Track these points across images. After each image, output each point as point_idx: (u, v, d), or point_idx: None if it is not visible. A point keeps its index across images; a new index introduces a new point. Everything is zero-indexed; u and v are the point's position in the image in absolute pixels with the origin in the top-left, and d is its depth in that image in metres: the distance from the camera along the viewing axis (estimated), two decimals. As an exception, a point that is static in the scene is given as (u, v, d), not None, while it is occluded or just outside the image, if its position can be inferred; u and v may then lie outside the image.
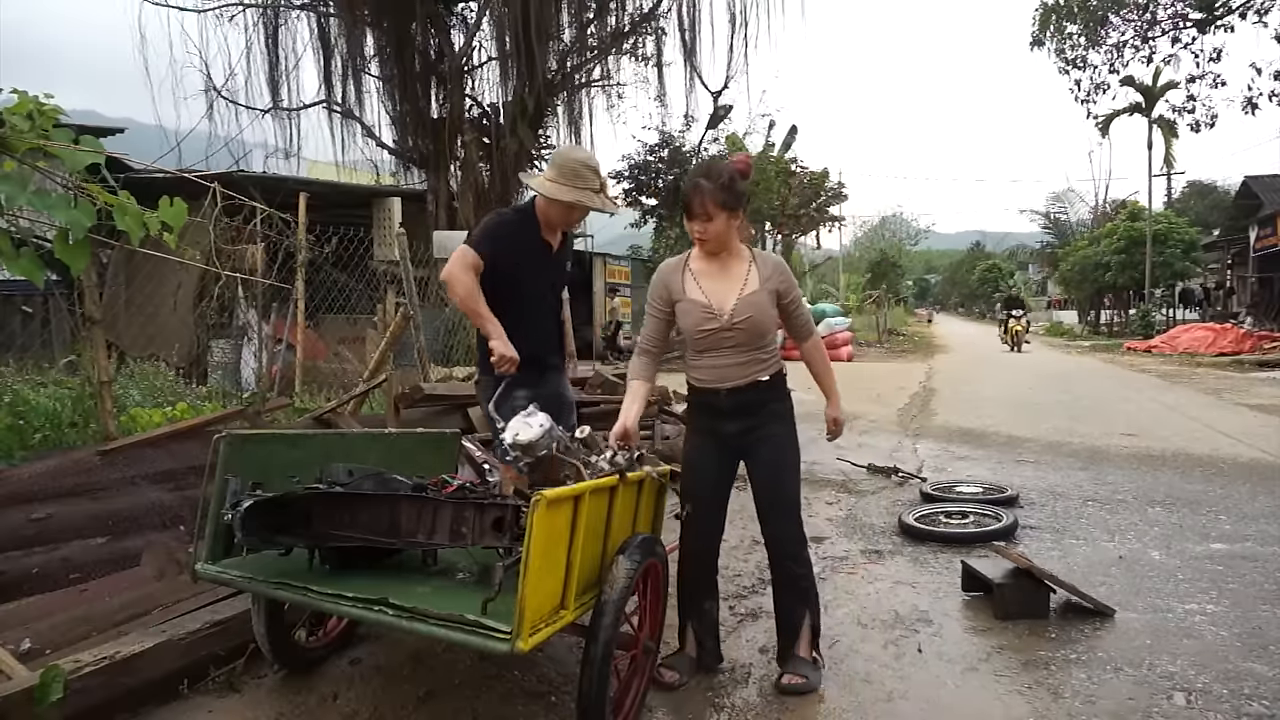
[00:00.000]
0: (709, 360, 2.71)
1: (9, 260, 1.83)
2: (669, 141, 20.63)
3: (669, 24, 13.72)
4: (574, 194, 3.05)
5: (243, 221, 5.85)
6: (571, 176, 3.05)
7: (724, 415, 2.72)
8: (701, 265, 2.73)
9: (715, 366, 2.70)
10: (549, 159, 3.22)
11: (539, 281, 3.20)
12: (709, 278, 2.71)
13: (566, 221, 3.25)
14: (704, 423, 2.80)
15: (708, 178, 2.62)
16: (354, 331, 8.24)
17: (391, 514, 2.35)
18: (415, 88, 13.14)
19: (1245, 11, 17.97)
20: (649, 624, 2.58)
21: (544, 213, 3.15)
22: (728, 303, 2.66)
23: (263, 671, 2.73)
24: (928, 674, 2.83)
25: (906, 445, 7.54)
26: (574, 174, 3.05)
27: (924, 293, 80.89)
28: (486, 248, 3.02)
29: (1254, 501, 5.13)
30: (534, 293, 3.18)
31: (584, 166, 3.08)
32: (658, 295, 2.78)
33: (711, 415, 2.75)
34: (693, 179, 2.68)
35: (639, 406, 2.71)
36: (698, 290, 2.69)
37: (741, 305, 2.65)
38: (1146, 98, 28.01)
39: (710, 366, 2.71)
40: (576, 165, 3.07)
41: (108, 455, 3.89)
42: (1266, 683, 2.69)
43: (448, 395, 5.07)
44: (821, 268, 41.39)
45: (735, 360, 2.68)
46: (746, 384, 2.69)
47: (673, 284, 2.74)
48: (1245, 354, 17.39)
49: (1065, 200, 45.71)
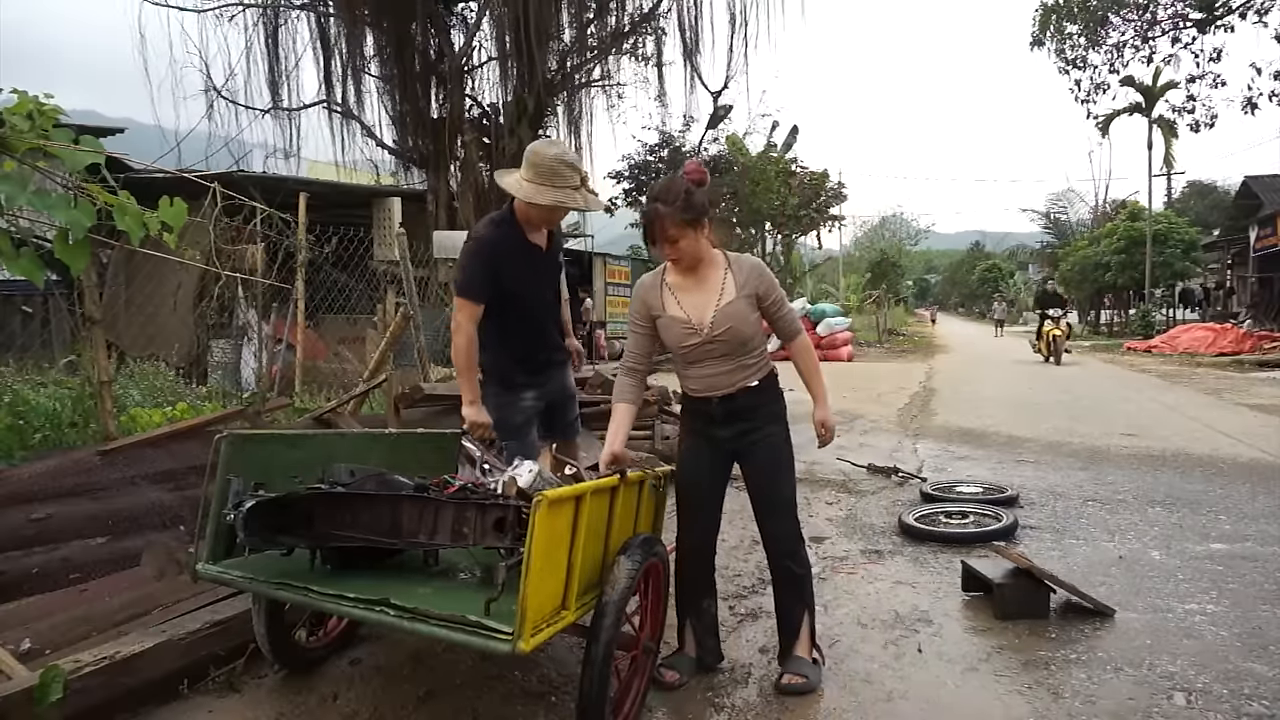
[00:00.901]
0: (697, 371, 2.71)
1: (9, 260, 1.83)
2: (669, 141, 20.66)
3: (669, 24, 13.71)
4: (553, 195, 2.89)
5: (243, 221, 5.84)
6: (549, 175, 2.87)
7: (717, 422, 2.73)
8: (677, 279, 2.71)
9: (703, 377, 2.70)
10: (524, 156, 2.97)
11: (534, 285, 3.12)
12: (686, 291, 2.69)
13: (549, 222, 3.12)
14: (698, 426, 2.80)
15: (664, 201, 2.57)
16: (354, 331, 8.24)
17: (393, 514, 2.35)
18: (415, 88, 13.13)
19: (1245, 11, 17.99)
20: (650, 624, 2.58)
21: (524, 215, 3.02)
22: (706, 316, 2.64)
23: (263, 671, 2.73)
24: (928, 674, 2.83)
25: (906, 445, 7.55)
26: (551, 172, 2.87)
27: (924, 293, 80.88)
28: (487, 292, 2.95)
29: (1254, 501, 5.13)
30: (530, 296, 3.11)
31: (561, 164, 2.89)
32: (638, 313, 2.76)
33: (705, 421, 2.76)
34: (649, 205, 2.63)
35: (625, 431, 2.66)
36: (676, 306, 2.68)
37: (720, 317, 2.63)
38: (1146, 98, 28.01)
39: (699, 377, 2.71)
40: (553, 163, 2.87)
41: (108, 455, 3.89)
42: (1266, 683, 2.69)
43: (448, 395, 5.07)
44: (821, 268, 41.39)
45: (722, 369, 2.68)
46: (736, 391, 2.68)
47: (651, 301, 2.72)
48: (1245, 354, 17.39)
49: (1065, 200, 45.77)
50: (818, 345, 19.27)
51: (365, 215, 11.51)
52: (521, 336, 3.10)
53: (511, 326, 3.07)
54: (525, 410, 3.13)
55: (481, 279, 2.95)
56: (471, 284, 2.95)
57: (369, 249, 9.70)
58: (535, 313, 3.16)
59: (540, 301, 3.19)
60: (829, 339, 19.38)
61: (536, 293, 3.15)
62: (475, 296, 2.94)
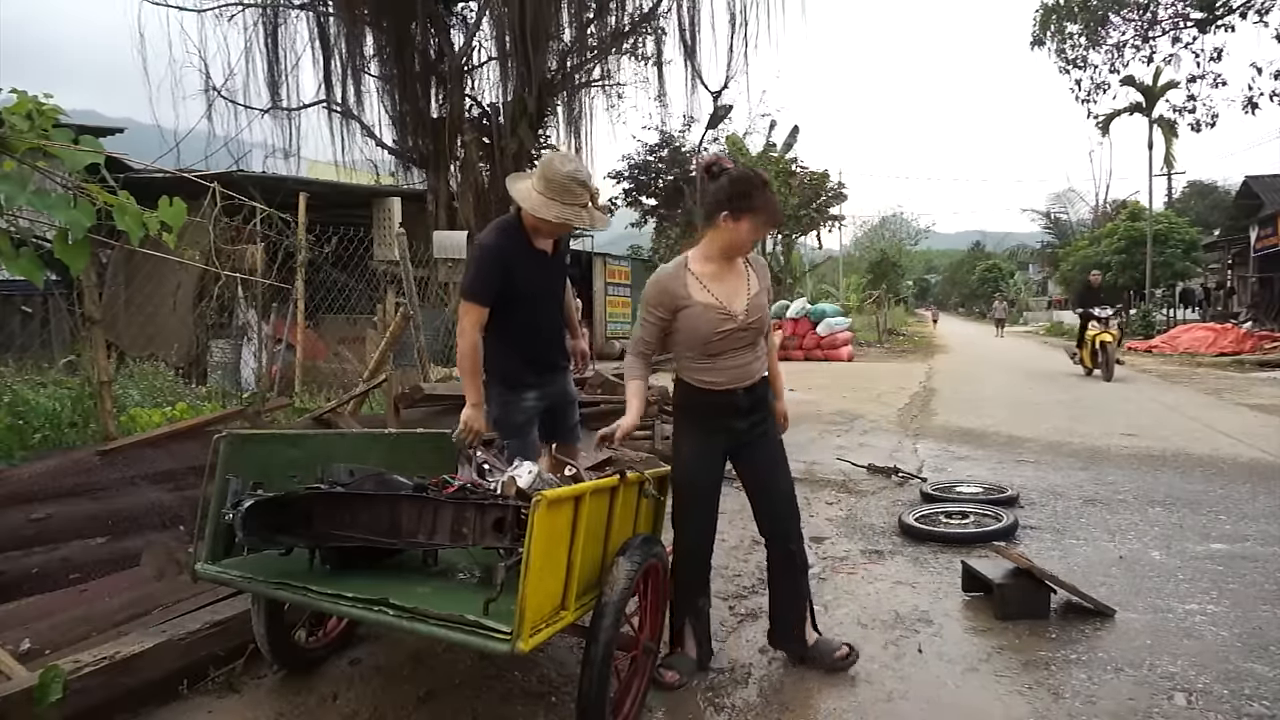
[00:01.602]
0: (724, 362, 2.71)
1: (9, 260, 1.83)
2: (669, 141, 20.65)
3: (669, 24, 13.70)
4: (559, 211, 2.93)
5: (242, 221, 5.84)
6: (560, 192, 2.92)
7: (740, 413, 2.75)
8: (707, 269, 2.73)
9: (731, 367, 2.71)
10: (537, 165, 3.04)
11: (540, 289, 3.15)
12: (717, 280, 2.71)
13: (556, 234, 3.14)
14: (713, 423, 2.78)
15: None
16: (354, 331, 8.23)
17: (392, 514, 2.35)
18: (415, 88, 13.13)
19: (1245, 11, 17.96)
20: (649, 625, 2.58)
21: (531, 222, 3.04)
22: (739, 303, 2.70)
23: (262, 671, 2.73)
24: (928, 674, 2.83)
25: (906, 445, 7.54)
26: (563, 189, 2.92)
27: (924, 293, 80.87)
28: (491, 295, 2.97)
29: (1254, 501, 5.13)
30: (538, 299, 3.14)
31: (573, 181, 2.93)
32: (658, 303, 2.73)
33: (726, 414, 2.76)
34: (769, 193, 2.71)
35: (642, 403, 2.74)
36: (706, 293, 2.69)
37: (752, 306, 2.72)
38: (1147, 97, 27.99)
39: (726, 368, 2.71)
40: (566, 180, 2.92)
41: (108, 455, 3.89)
42: (1267, 683, 2.69)
43: (448, 395, 5.07)
44: (822, 268, 41.36)
45: (747, 359, 2.74)
46: (758, 380, 2.78)
47: (676, 290, 2.70)
48: (1245, 354, 17.38)
49: (1066, 200, 45.77)
50: (817, 345, 19.38)
51: (365, 215, 11.50)
52: (530, 339, 3.13)
53: (520, 329, 3.09)
54: (527, 410, 3.15)
55: (486, 282, 2.98)
56: (477, 287, 2.98)
57: (369, 249, 9.69)
58: (543, 316, 3.19)
59: (548, 304, 3.22)
60: (829, 339, 19.37)
61: (544, 296, 3.18)
62: (481, 299, 2.97)
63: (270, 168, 13.07)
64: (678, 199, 19.56)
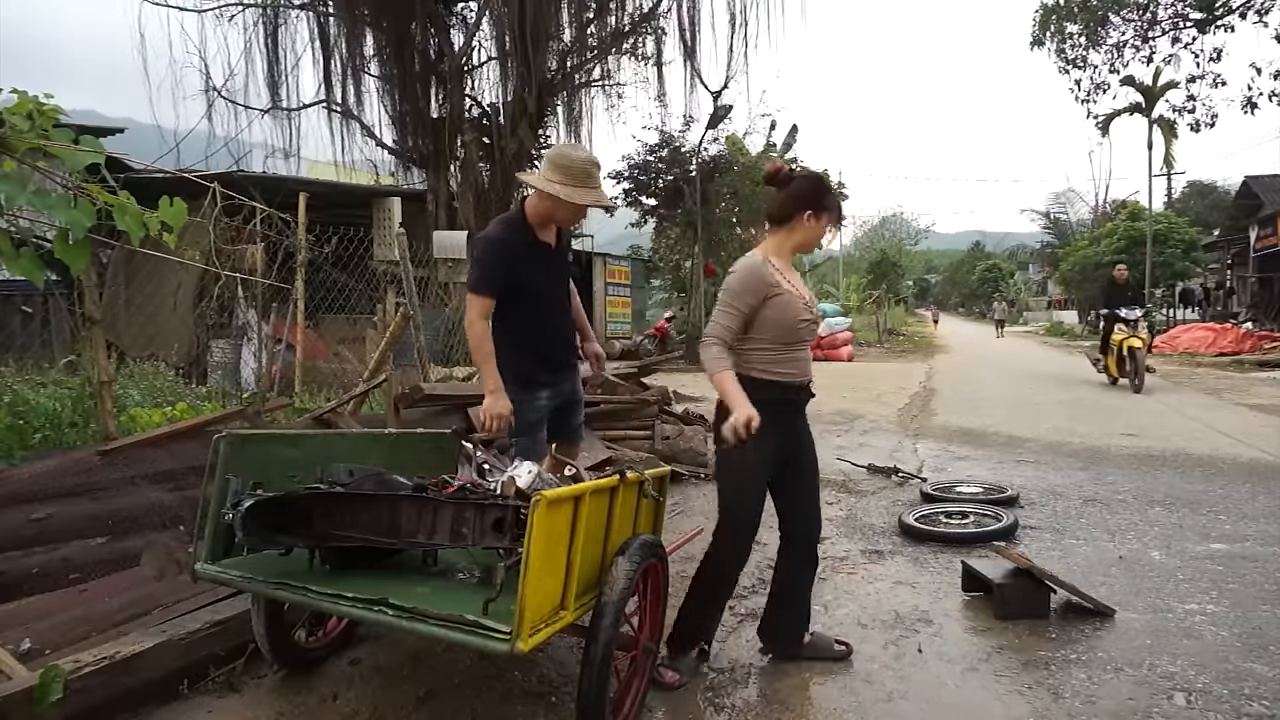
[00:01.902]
0: (798, 354, 2.74)
1: (9, 260, 1.83)
2: (669, 141, 20.59)
3: (669, 24, 13.72)
4: (589, 195, 3.02)
5: (242, 221, 5.83)
6: (582, 178, 3.00)
7: (799, 411, 2.82)
8: (781, 263, 2.77)
9: (800, 360, 2.76)
10: (546, 158, 3.11)
11: (546, 283, 3.16)
12: (788, 274, 2.77)
13: (572, 221, 3.22)
14: (783, 422, 2.70)
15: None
16: (354, 331, 8.22)
17: (392, 514, 2.35)
18: (415, 88, 13.14)
19: (1245, 11, 17.97)
20: (649, 625, 2.58)
21: (544, 214, 3.08)
22: (808, 296, 2.80)
23: (262, 671, 2.73)
24: (928, 674, 2.83)
25: (906, 445, 7.54)
26: (585, 175, 3.00)
27: (924, 293, 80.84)
28: (496, 287, 2.99)
29: (1254, 501, 5.13)
30: (545, 294, 3.16)
31: (591, 165, 3.04)
32: (752, 291, 2.65)
33: (792, 411, 2.78)
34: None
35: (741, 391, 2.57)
36: (789, 285, 2.73)
37: (812, 301, 2.80)
38: (1146, 98, 27.97)
39: (797, 360, 2.74)
40: (585, 165, 3.01)
41: (108, 455, 3.89)
42: (1266, 683, 2.69)
43: (448, 395, 5.07)
44: (822, 267, 41.36)
45: (808, 353, 2.80)
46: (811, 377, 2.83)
47: (769, 278, 2.68)
48: (1245, 354, 17.39)
49: (1065, 200, 45.71)
50: (818, 345, 19.37)
51: (365, 215, 11.50)
52: (537, 334, 3.14)
53: (531, 326, 3.10)
54: (540, 409, 3.17)
55: (491, 274, 3.01)
56: (482, 280, 3.01)
57: (369, 249, 9.69)
58: (551, 310, 3.20)
59: (555, 299, 3.24)
60: (829, 339, 19.37)
61: (551, 290, 3.20)
62: (486, 291, 2.99)
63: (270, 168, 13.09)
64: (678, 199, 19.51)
